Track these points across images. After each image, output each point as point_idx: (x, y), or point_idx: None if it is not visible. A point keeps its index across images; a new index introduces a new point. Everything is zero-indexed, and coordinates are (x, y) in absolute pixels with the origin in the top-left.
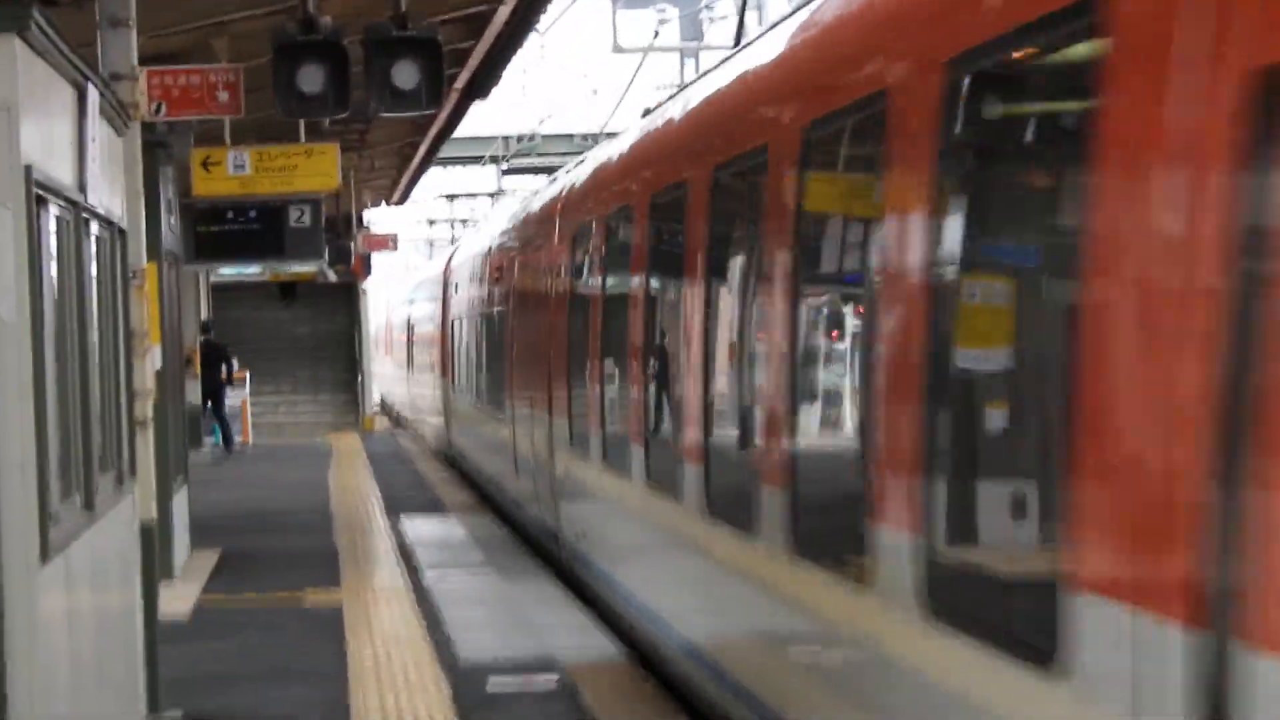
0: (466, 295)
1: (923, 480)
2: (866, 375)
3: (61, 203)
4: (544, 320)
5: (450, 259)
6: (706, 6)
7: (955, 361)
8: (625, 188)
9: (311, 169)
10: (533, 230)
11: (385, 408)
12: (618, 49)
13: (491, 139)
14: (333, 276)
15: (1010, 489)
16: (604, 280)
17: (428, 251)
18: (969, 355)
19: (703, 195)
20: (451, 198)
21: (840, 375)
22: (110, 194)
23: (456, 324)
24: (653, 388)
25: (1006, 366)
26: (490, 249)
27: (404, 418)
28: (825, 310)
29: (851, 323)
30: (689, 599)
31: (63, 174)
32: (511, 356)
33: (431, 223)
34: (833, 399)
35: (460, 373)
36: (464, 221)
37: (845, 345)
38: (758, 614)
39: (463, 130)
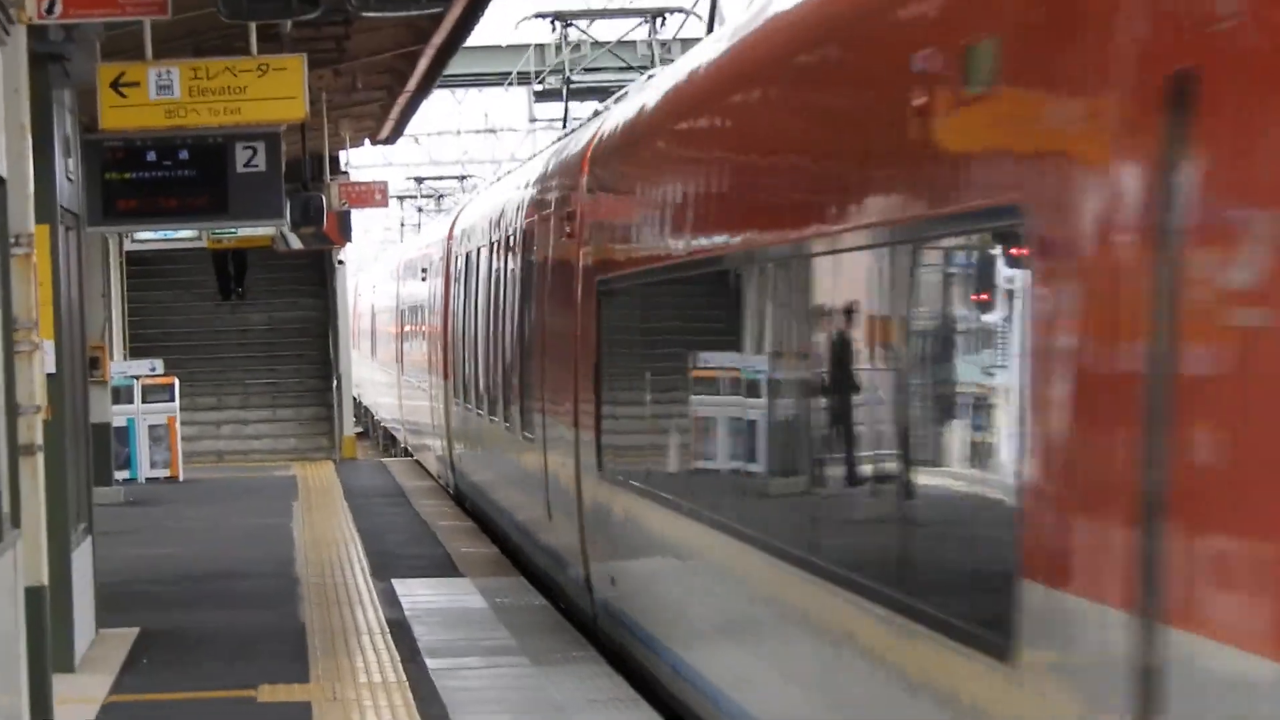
0: (413, 289)
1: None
2: (524, 352)
3: None
4: (432, 310)
5: (400, 254)
6: None
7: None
8: (450, 248)
9: (267, 91)
10: (435, 252)
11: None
12: None
13: (520, 49)
14: (297, 243)
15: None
16: (464, 295)
17: (426, 205)
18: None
19: (495, 249)
20: (420, 181)
21: (462, 348)
22: None
23: (404, 314)
24: (480, 358)
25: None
26: (421, 256)
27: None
28: (526, 316)
29: (536, 321)
30: (486, 465)
31: None
32: (440, 342)
33: (461, 186)
34: (511, 364)
35: (407, 353)
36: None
37: (468, 335)
38: (505, 460)
39: (479, 37)
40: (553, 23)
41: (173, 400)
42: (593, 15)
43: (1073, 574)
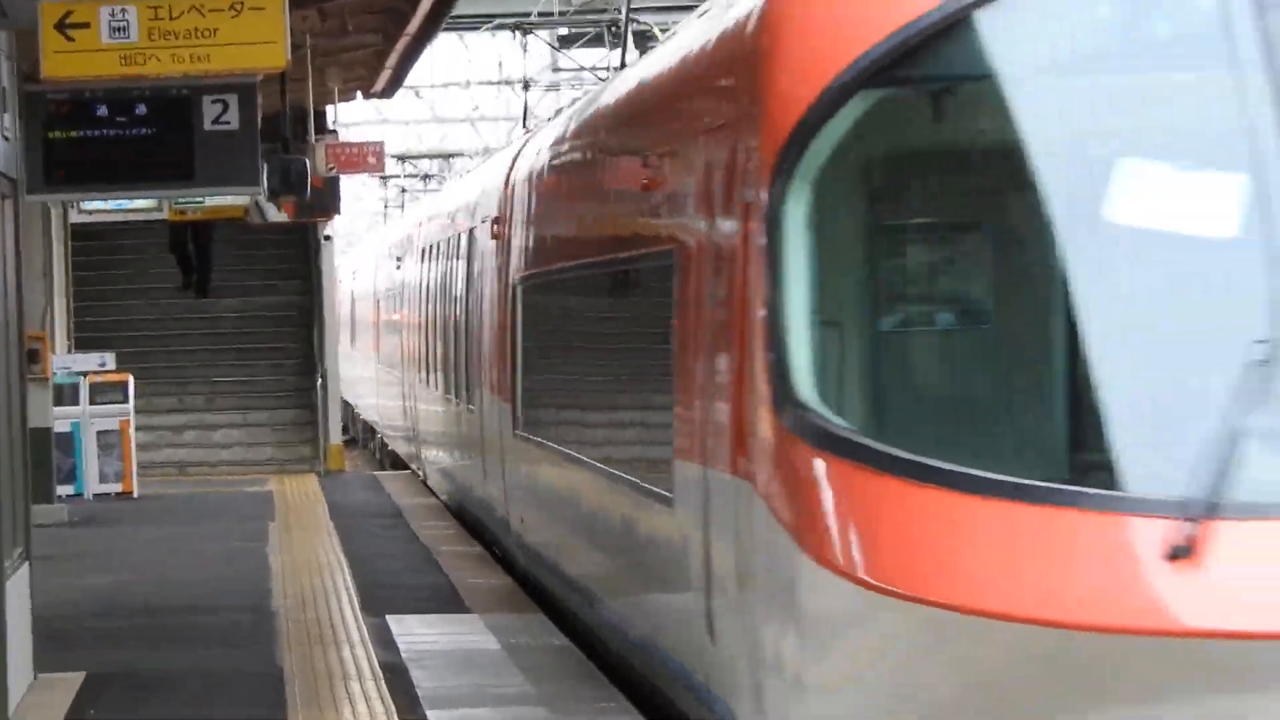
0: (388, 278)
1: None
2: (428, 335)
3: None
4: (402, 300)
5: (379, 240)
6: None
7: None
8: (418, 238)
9: (241, 35)
10: (399, 244)
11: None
12: None
13: None
14: (276, 215)
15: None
16: (427, 285)
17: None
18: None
19: (450, 244)
20: (403, 159)
21: (427, 334)
22: None
23: (380, 302)
24: (438, 344)
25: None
26: (396, 244)
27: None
28: (471, 306)
29: (476, 310)
30: (444, 440)
31: None
32: (409, 330)
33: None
34: (461, 348)
35: (382, 342)
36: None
37: (431, 323)
38: (435, 415)
39: None
40: (513, 32)
41: (126, 401)
42: (553, 24)
43: (685, 452)
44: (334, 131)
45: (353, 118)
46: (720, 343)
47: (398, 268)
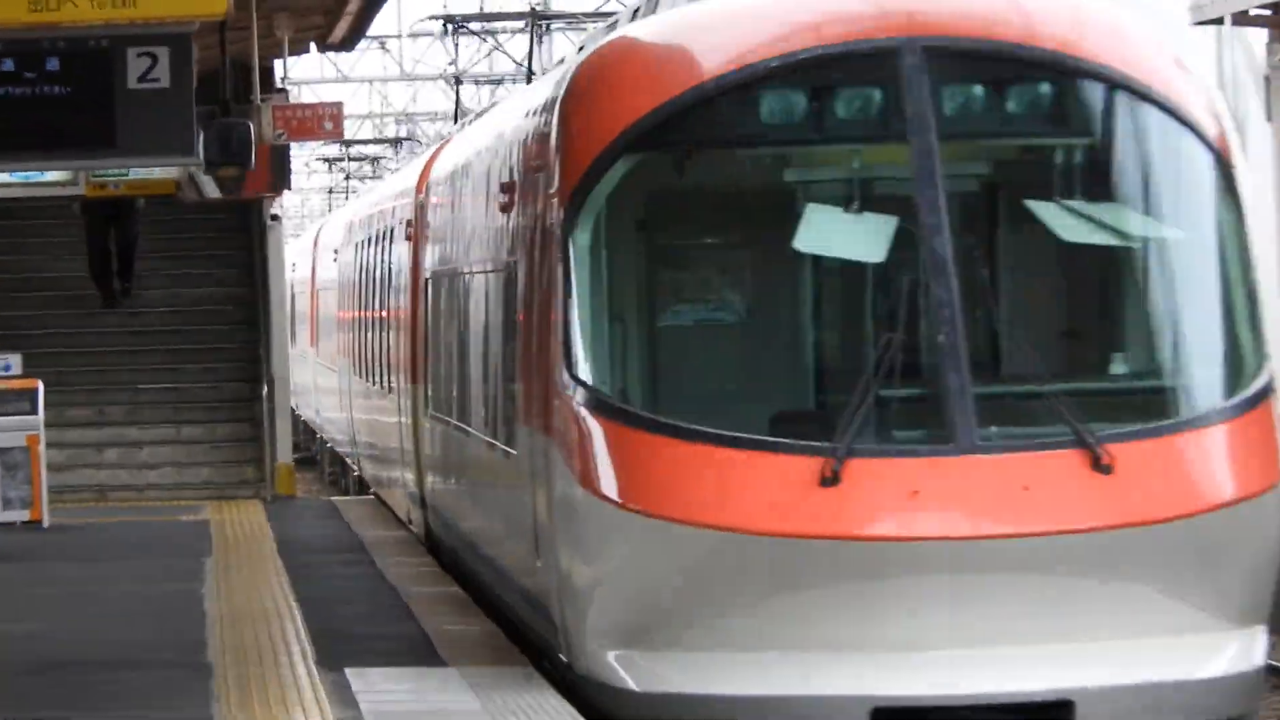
0: (325, 272)
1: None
2: (378, 325)
3: None
4: (340, 295)
5: (315, 232)
6: None
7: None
8: (351, 233)
9: None
10: (338, 236)
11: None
12: None
13: None
14: (214, 190)
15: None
16: (357, 280)
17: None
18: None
19: (377, 241)
20: (348, 144)
21: (375, 325)
22: None
23: (319, 296)
24: (366, 336)
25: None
26: (333, 238)
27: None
28: (390, 299)
29: (394, 303)
30: (374, 428)
31: None
32: (344, 325)
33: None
34: (383, 338)
35: (320, 337)
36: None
37: (363, 318)
38: (369, 410)
39: None
40: (444, 25)
41: (35, 412)
42: (482, 18)
43: (521, 416)
44: (283, 91)
45: (305, 75)
46: (539, 335)
47: (334, 259)
